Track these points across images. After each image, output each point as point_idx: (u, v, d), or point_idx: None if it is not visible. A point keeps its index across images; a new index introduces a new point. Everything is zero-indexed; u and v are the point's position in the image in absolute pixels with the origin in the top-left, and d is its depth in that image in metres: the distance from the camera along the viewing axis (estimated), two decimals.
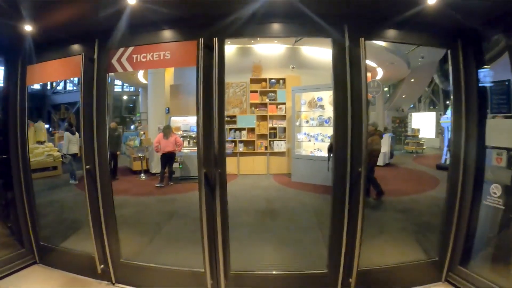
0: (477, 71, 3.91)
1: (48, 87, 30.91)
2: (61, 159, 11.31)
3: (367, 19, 3.71)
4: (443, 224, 4.16)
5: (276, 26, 3.67)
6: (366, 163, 3.57)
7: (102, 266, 4.18)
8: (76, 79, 31.32)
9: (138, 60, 3.83)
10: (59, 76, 4.59)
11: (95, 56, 3.99)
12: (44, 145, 12.90)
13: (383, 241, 5.23)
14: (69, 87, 31.53)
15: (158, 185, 9.84)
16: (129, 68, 3.90)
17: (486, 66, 3.87)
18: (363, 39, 3.58)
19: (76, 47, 4.18)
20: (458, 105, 3.97)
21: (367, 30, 3.66)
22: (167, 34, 3.77)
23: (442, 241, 4.17)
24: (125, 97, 33.27)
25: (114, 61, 3.95)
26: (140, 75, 17.21)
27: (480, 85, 3.91)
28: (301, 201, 8.08)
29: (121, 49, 3.92)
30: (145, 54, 3.79)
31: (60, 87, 31.17)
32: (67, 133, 10.61)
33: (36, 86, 30.29)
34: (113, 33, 3.78)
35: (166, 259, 4.51)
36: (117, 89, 32.47)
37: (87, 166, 4.05)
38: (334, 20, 3.61)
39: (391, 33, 3.81)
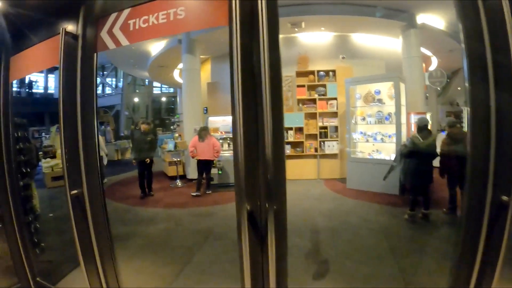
0: None
1: None
2: None
3: None
4: None
5: None
6: None
7: None
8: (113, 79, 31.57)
9: (137, 26, 2.60)
10: (42, 65, 3.46)
11: (79, 31, 2.81)
12: None
13: None
14: (108, 90, 31.52)
15: (194, 194, 8.75)
16: (124, 41, 2.69)
17: None
18: None
19: (57, 22, 3.02)
20: None
21: None
22: None
23: None
24: (164, 99, 32.82)
25: (103, 33, 2.77)
26: (176, 74, 16.39)
27: None
28: (363, 215, 6.59)
29: (113, 15, 2.72)
30: (146, 17, 2.55)
31: (98, 91, 31.11)
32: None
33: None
34: None
35: None
36: (156, 90, 32.11)
37: (73, 192, 2.81)
38: None
39: None
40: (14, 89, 3.76)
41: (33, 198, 4.51)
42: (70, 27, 2.91)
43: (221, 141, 10.04)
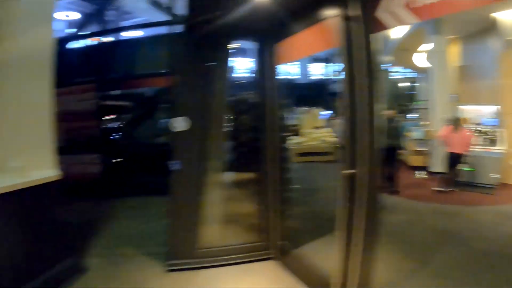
0: None
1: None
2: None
3: None
4: None
5: None
6: None
7: None
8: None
9: (424, 3, 2.37)
10: (308, 50, 3.78)
11: (354, 13, 2.71)
12: (321, 131, 13.95)
13: None
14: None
15: (438, 189, 8.13)
16: (410, 19, 2.54)
17: None
18: None
19: (326, 6, 3.06)
20: None
21: None
22: None
23: None
24: (403, 84, 31.43)
25: (381, 13, 2.70)
26: (417, 58, 15.34)
27: None
28: None
29: None
30: None
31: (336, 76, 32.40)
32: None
33: (316, 77, 32.74)
34: None
35: None
36: (396, 76, 31.14)
37: (350, 171, 2.88)
38: None
39: None
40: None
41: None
42: (340, 10, 2.87)
43: (475, 134, 8.81)
